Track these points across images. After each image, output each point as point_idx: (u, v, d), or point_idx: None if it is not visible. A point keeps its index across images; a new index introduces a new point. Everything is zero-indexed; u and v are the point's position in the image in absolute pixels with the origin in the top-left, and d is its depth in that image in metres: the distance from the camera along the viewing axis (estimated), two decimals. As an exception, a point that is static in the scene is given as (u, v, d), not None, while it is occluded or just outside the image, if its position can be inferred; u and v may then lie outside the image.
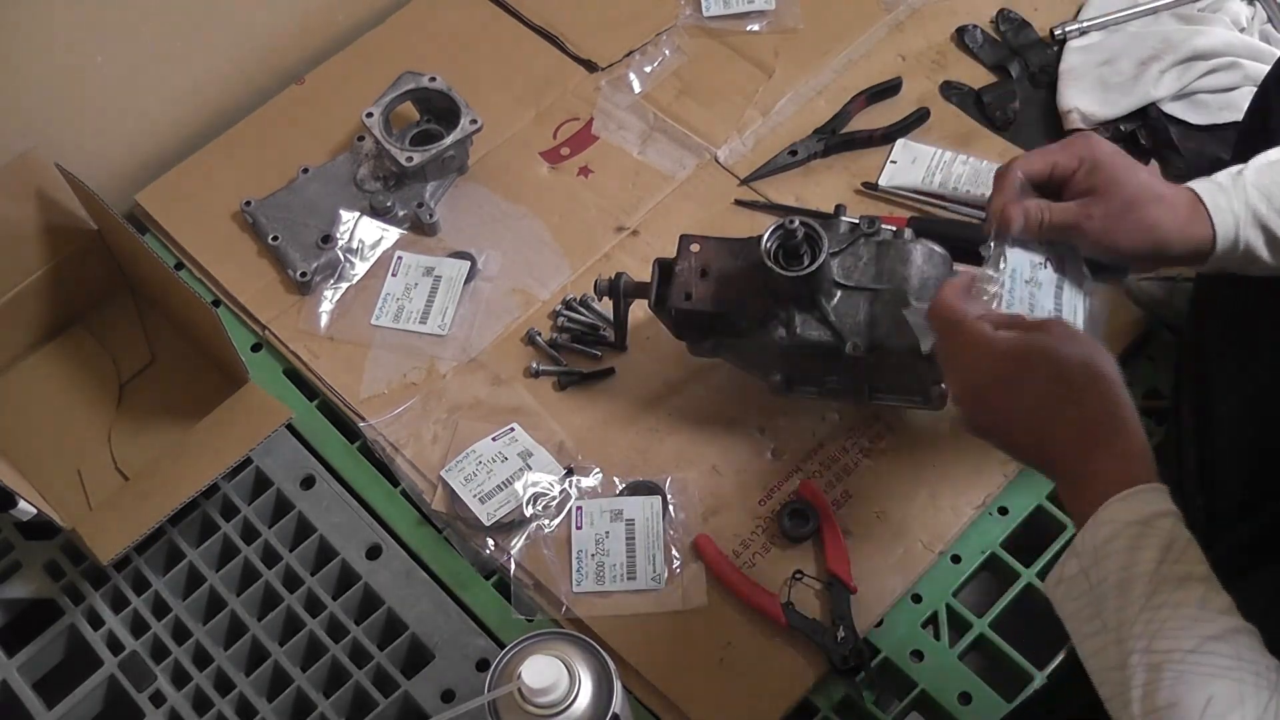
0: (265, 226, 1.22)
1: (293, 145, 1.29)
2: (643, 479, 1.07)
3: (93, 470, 1.14)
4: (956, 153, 1.21)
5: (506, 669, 0.78)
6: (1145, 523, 0.71)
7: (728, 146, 1.26)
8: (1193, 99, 1.22)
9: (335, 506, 1.09)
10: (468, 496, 1.05)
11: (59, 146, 1.18)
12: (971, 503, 1.04)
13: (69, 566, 1.08)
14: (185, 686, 1.03)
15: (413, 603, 1.04)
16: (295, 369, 1.18)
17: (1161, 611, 0.68)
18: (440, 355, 1.16)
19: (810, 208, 1.20)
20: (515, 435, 1.09)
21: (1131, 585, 0.69)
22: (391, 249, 1.22)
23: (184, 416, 1.12)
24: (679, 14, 1.35)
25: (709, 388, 1.12)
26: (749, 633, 1.00)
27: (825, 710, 0.98)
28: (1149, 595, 0.68)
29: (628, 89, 1.30)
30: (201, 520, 1.10)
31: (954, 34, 1.31)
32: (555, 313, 1.17)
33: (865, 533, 1.03)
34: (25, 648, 1.05)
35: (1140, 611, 0.68)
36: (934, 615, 1.01)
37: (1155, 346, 1.12)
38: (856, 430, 1.08)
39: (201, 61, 1.32)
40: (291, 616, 1.05)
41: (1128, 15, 1.28)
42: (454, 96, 1.22)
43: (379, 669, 1.02)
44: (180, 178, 1.29)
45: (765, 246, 0.96)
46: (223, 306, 1.22)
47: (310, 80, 1.35)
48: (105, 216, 1.12)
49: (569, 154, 1.27)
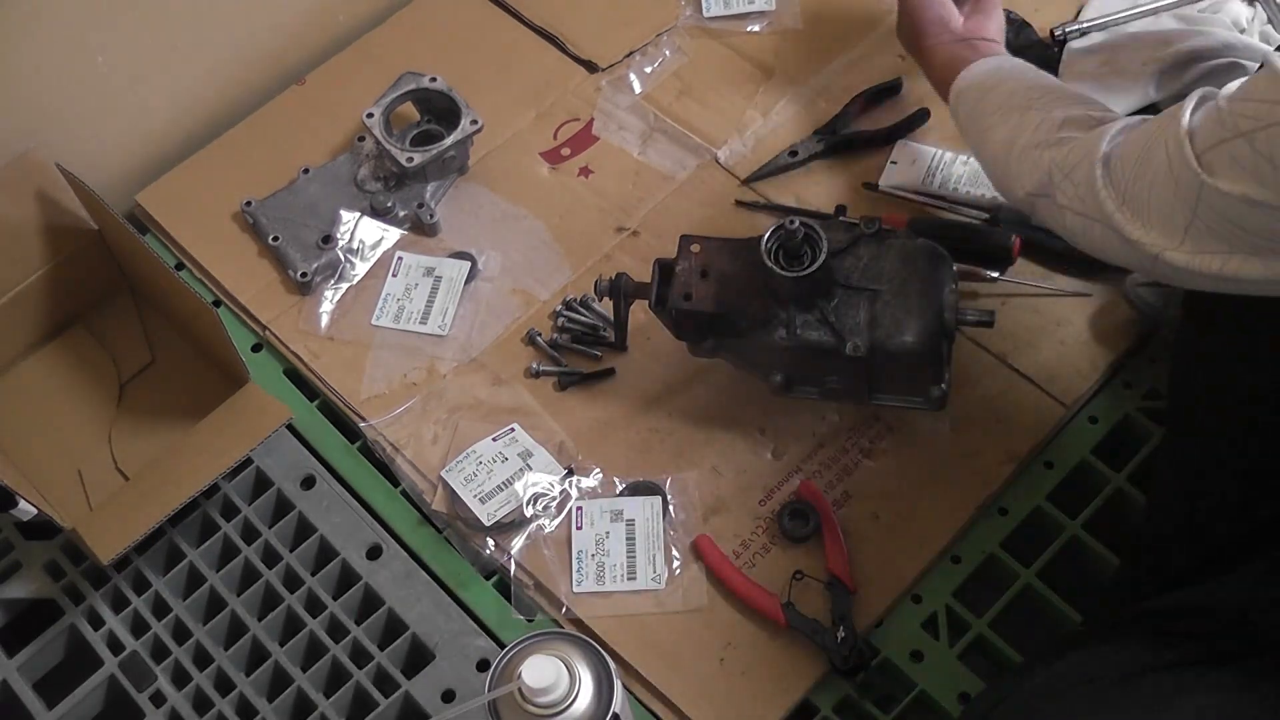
0: (266, 227, 1.22)
1: (293, 145, 1.29)
2: (643, 479, 1.07)
3: (93, 470, 1.14)
4: (957, 153, 1.21)
5: (507, 669, 0.78)
6: (999, 68, 0.99)
7: (728, 147, 1.26)
8: (1193, 99, 1.22)
9: (335, 507, 1.09)
10: (468, 497, 1.06)
11: (59, 146, 1.18)
12: (971, 503, 1.04)
13: (69, 566, 1.08)
14: (185, 686, 1.03)
15: (413, 603, 1.04)
16: (295, 369, 1.18)
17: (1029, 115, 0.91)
18: (440, 355, 1.16)
19: (810, 208, 1.20)
20: (515, 435, 1.09)
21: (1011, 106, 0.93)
22: (392, 249, 1.22)
23: (184, 416, 1.12)
24: (679, 14, 1.35)
25: (709, 388, 1.12)
26: (749, 633, 1.00)
27: (825, 710, 0.98)
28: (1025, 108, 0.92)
29: (628, 89, 1.30)
30: (202, 520, 1.10)
31: (954, 34, 1.31)
32: (555, 313, 1.17)
33: (865, 533, 1.03)
34: (25, 648, 1.05)
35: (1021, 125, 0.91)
36: (934, 615, 1.01)
37: (1155, 346, 1.12)
38: (856, 430, 1.08)
39: (202, 62, 1.32)
40: (292, 616, 1.05)
41: (1128, 16, 1.28)
42: (454, 97, 1.22)
43: (379, 669, 1.02)
44: (180, 178, 1.29)
45: (765, 247, 0.96)
46: (223, 306, 1.22)
47: (310, 80, 1.35)
48: (105, 216, 1.12)
49: (569, 154, 1.27)
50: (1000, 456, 1.06)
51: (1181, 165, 0.73)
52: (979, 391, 1.09)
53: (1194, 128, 0.74)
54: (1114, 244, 0.82)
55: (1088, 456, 1.07)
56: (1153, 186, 0.77)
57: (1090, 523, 1.04)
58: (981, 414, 1.08)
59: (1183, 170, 0.73)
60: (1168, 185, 0.75)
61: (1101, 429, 1.08)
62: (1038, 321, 1.12)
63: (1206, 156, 0.72)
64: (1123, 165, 0.80)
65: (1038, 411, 1.08)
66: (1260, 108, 0.68)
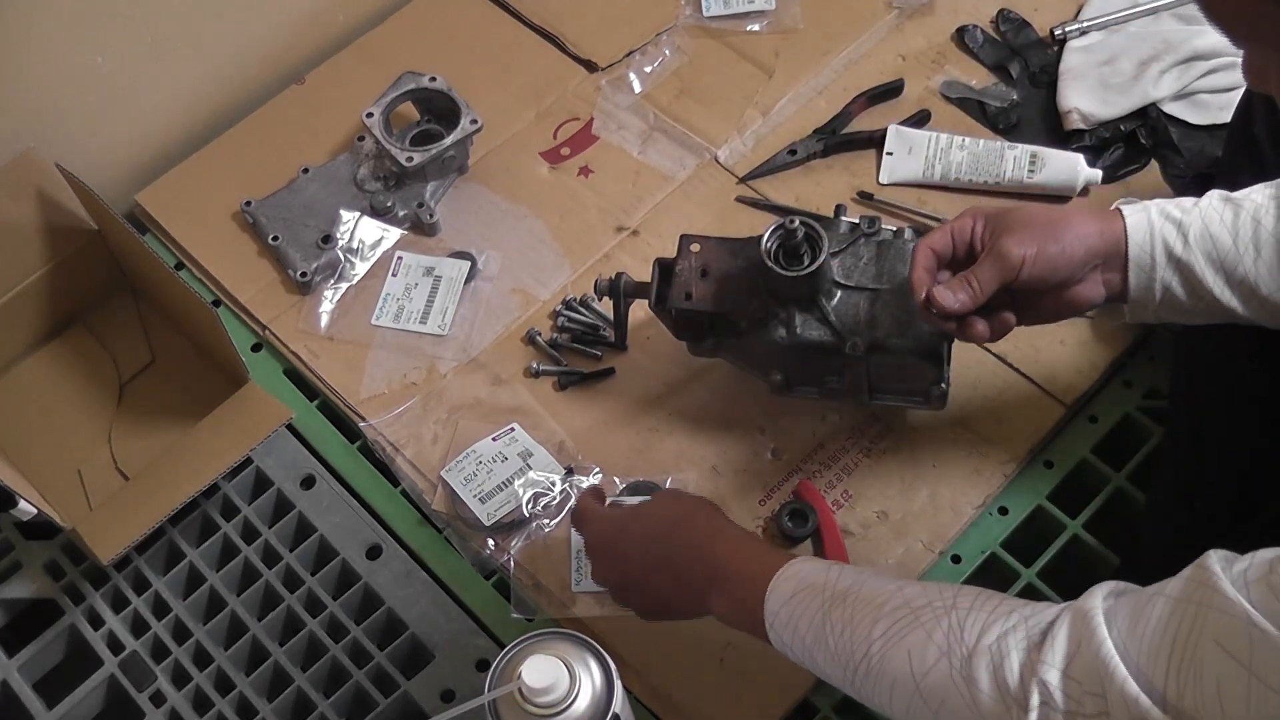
0: (265, 226, 1.22)
1: (293, 145, 1.29)
2: (643, 479, 1.07)
3: (93, 470, 1.14)
4: (952, 136, 1.21)
5: (506, 669, 0.78)
6: (794, 593, 0.80)
7: (728, 146, 1.26)
8: (1193, 99, 1.22)
9: (335, 506, 1.09)
10: (468, 496, 1.05)
11: (59, 146, 1.18)
12: (971, 503, 1.04)
13: (69, 566, 1.08)
14: (185, 686, 1.03)
15: (413, 603, 1.04)
16: (295, 369, 1.18)
17: (844, 635, 0.75)
18: (440, 355, 1.16)
19: (810, 208, 1.20)
20: (515, 435, 1.09)
21: (818, 639, 0.77)
22: (392, 249, 1.22)
23: (184, 416, 1.12)
24: (679, 14, 1.35)
25: (709, 388, 1.12)
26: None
27: (825, 710, 0.98)
28: (825, 632, 0.77)
29: (628, 89, 1.30)
30: (201, 520, 1.10)
31: (954, 34, 1.31)
32: (555, 313, 1.17)
33: (865, 533, 1.03)
34: (25, 648, 1.05)
35: (832, 654, 0.76)
36: (934, 615, 1.01)
37: (1155, 346, 1.12)
38: (856, 430, 1.08)
39: (202, 61, 1.32)
40: (291, 616, 1.05)
41: (1128, 15, 1.28)
42: (454, 96, 1.22)
43: (379, 669, 1.02)
44: (180, 178, 1.29)
45: (765, 246, 0.96)
46: (223, 306, 1.22)
47: (310, 80, 1.35)
48: (105, 216, 1.12)
49: (569, 154, 1.27)
50: (1000, 456, 1.06)
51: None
52: (979, 391, 1.09)
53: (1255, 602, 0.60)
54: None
55: (1088, 456, 1.07)
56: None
57: (1090, 523, 1.04)
58: (981, 414, 1.08)
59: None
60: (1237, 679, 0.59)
61: (1101, 429, 1.08)
62: (1038, 321, 1.12)
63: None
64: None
65: (1038, 411, 1.08)
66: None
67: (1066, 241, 0.87)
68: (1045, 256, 0.87)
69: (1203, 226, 0.86)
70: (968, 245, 0.91)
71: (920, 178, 1.20)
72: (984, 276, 0.88)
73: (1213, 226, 0.86)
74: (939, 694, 0.70)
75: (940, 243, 0.91)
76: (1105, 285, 0.89)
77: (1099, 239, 0.87)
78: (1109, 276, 0.89)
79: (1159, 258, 0.87)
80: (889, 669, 0.73)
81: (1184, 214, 0.87)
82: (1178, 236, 0.86)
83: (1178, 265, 0.86)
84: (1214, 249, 0.86)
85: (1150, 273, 0.87)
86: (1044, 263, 0.87)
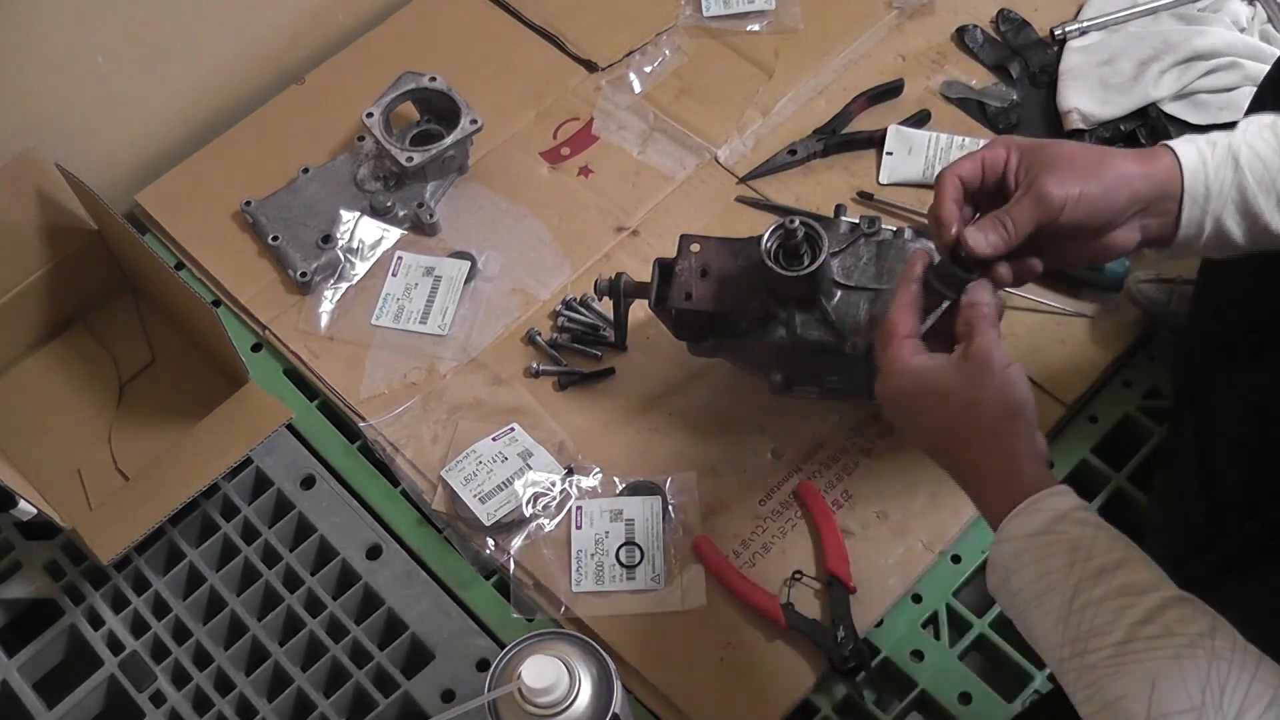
0: (265, 226, 1.22)
1: (293, 145, 1.29)
2: (643, 479, 1.07)
3: (93, 470, 1.14)
4: (952, 136, 1.21)
5: (506, 669, 0.78)
6: (1047, 531, 0.72)
7: (728, 146, 1.26)
8: (1193, 99, 1.22)
9: (335, 506, 1.09)
10: (468, 496, 1.05)
11: (59, 146, 1.18)
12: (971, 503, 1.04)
13: (69, 566, 1.08)
14: (185, 686, 1.03)
15: (413, 603, 1.04)
16: (295, 369, 1.18)
17: (1086, 613, 0.68)
18: (440, 355, 1.16)
19: (810, 208, 1.20)
20: (515, 435, 1.09)
21: (1048, 596, 0.70)
22: (392, 249, 1.22)
23: (184, 416, 1.12)
24: (679, 14, 1.35)
25: (709, 388, 1.12)
26: (749, 633, 1.00)
27: (825, 710, 0.98)
28: (1069, 601, 0.69)
29: (628, 89, 1.30)
30: (201, 520, 1.10)
31: (954, 34, 1.31)
32: (555, 313, 1.17)
33: (865, 533, 1.03)
34: (25, 648, 1.05)
35: (1061, 621, 0.69)
36: (934, 615, 1.01)
37: (1155, 346, 1.12)
38: (856, 430, 1.08)
39: (202, 61, 1.32)
40: (292, 616, 1.05)
41: (1128, 15, 1.28)
42: (454, 96, 1.22)
43: (379, 669, 1.02)
44: (180, 178, 1.29)
45: (765, 246, 0.96)
46: (223, 306, 1.22)
47: (310, 80, 1.35)
48: (105, 216, 1.12)
49: (569, 154, 1.27)
50: (1000, 456, 1.06)
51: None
52: (979, 391, 1.09)
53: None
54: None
55: (1088, 456, 1.07)
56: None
57: (1090, 522, 1.04)
58: (981, 414, 1.08)
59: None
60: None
61: (1101, 429, 1.08)
62: (1038, 321, 1.12)
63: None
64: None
65: (1038, 411, 1.07)
66: None
67: (1110, 183, 0.79)
68: (1087, 199, 0.78)
69: (1250, 151, 0.80)
70: (998, 178, 0.83)
71: (920, 178, 1.20)
72: (1019, 217, 0.80)
73: (1260, 149, 0.80)
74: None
75: (970, 172, 0.83)
76: (1142, 230, 0.81)
77: (1144, 182, 0.79)
78: (1148, 222, 0.81)
79: (1214, 186, 0.79)
80: (1121, 685, 0.65)
81: (1230, 139, 0.80)
82: (1228, 159, 0.80)
83: (1234, 193, 0.80)
84: (1265, 171, 0.79)
85: (1204, 204, 0.79)
86: (1085, 205, 0.79)
